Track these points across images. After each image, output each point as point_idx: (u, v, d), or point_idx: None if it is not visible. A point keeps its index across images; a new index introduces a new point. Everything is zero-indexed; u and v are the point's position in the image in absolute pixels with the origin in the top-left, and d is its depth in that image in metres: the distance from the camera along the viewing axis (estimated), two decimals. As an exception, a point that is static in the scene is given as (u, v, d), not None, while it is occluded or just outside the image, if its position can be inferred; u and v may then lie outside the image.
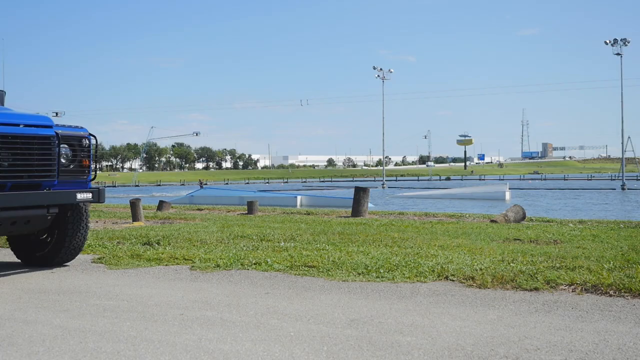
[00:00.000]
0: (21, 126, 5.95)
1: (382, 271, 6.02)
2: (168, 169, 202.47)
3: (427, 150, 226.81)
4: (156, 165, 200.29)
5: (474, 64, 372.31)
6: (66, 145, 6.38)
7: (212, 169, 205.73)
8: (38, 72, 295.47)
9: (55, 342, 3.84)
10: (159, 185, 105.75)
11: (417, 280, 5.63)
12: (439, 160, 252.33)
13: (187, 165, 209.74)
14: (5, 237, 7.48)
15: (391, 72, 76.51)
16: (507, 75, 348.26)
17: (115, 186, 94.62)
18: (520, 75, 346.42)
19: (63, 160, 6.34)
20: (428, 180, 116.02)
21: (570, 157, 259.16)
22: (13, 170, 5.82)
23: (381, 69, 75.39)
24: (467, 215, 14.44)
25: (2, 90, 7.66)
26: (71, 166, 6.45)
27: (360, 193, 14.29)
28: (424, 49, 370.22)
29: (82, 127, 6.68)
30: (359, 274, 5.94)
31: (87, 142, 6.60)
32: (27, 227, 6.18)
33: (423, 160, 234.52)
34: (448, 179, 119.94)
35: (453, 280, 5.61)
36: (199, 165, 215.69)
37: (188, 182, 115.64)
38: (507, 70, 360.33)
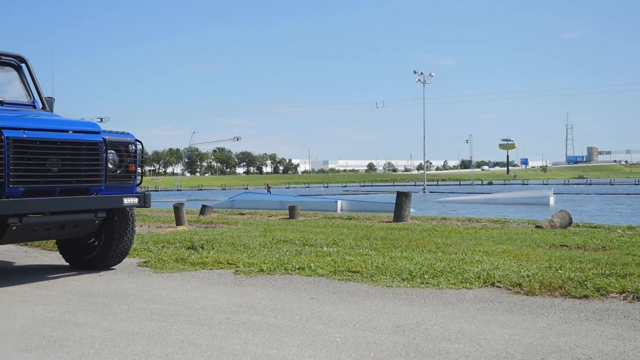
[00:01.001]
0: (70, 132, 6.07)
1: (426, 277, 5.96)
2: (209, 173, 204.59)
3: (468, 155, 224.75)
4: (198, 170, 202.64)
5: (516, 67, 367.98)
6: (113, 151, 6.48)
7: (253, 174, 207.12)
8: (82, 78, 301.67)
9: (105, 344, 3.89)
10: (201, 189, 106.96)
11: (463, 287, 5.57)
12: (481, 164, 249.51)
13: (228, 169, 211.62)
14: (54, 240, 7.63)
15: (432, 76, 76.06)
16: (551, 78, 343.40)
17: (157, 190, 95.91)
18: (564, 78, 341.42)
19: (110, 166, 6.44)
20: (470, 185, 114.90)
21: (621, 161, 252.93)
22: (62, 175, 5.93)
23: (422, 73, 75.02)
24: (512, 221, 14.23)
25: (51, 97, 7.84)
26: (118, 171, 6.55)
27: (402, 198, 14.21)
28: (464, 52, 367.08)
29: (128, 133, 6.79)
30: (403, 280, 5.90)
31: (134, 147, 6.70)
32: (76, 231, 6.29)
33: (464, 164, 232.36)
34: (490, 183, 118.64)
35: (499, 287, 5.53)
36: (240, 170, 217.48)
37: (229, 186, 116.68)
38: (551, 73, 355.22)
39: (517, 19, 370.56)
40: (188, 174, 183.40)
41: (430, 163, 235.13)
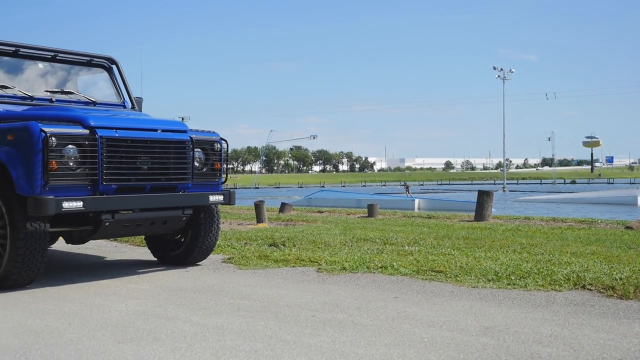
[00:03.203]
0: (159, 131, 6.24)
1: (513, 278, 5.83)
2: (286, 171, 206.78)
3: (550, 153, 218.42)
4: (275, 168, 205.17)
5: (601, 62, 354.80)
6: (200, 150, 6.63)
7: (329, 172, 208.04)
8: (160, 78, 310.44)
9: (196, 339, 3.99)
10: (278, 187, 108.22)
11: (552, 289, 5.41)
12: (563, 162, 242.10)
13: (305, 167, 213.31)
14: (142, 236, 7.87)
15: (512, 72, 74.28)
16: (637, 73, 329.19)
17: (236, 188, 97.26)
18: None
19: (197, 164, 6.59)
20: (552, 183, 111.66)
21: None
22: (151, 173, 6.11)
23: (501, 69, 73.32)
24: (599, 221, 13.73)
25: (140, 98, 8.10)
26: (204, 169, 6.70)
27: (484, 197, 13.94)
28: (545, 47, 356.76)
29: (214, 132, 6.93)
30: (489, 281, 5.78)
31: (219, 146, 6.84)
32: (164, 227, 6.47)
33: (546, 162, 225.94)
34: (573, 182, 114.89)
35: (591, 290, 5.34)
36: (316, 168, 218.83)
37: (305, 184, 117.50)
38: (637, 68, 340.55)
39: (601, 11, 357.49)
40: (265, 172, 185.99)
41: (510, 161, 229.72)
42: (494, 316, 4.51)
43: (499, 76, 73.35)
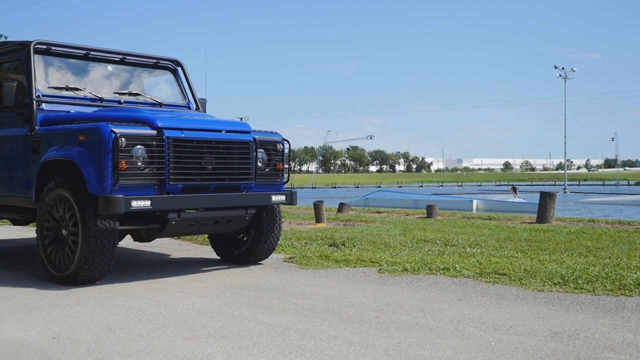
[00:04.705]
0: (223, 132, 6.34)
1: (580, 282, 5.70)
2: (343, 171, 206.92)
3: (613, 153, 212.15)
4: (331, 168, 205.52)
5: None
6: (262, 150, 6.71)
7: (386, 172, 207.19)
8: (222, 78, 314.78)
9: (262, 337, 4.04)
10: (334, 187, 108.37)
11: (621, 294, 5.26)
12: (627, 163, 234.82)
13: (361, 168, 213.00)
14: (206, 235, 8.00)
15: (574, 70, 72.51)
16: None
17: (293, 188, 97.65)
18: None
19: (259, 164, 6.67)
20: (615, 185, 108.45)
21: None
22: (216, 173, 6.21)
23: (563, 68, 71.63)
24: (667, 224, 13.26)
25: (204, 99, 8.24)
26: (267, 170, 6.78)
27: (546, 198, 13.64)
28: (609, 45, 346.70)
29: (276, 133, 7.00)
30: (555, 284, 5.67)
31: (281, 146, 6.91)
32: (228, 226, 6.57)
33: (609, 163, 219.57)
34: (638, 184, 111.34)
35: (663, 296, 5.17)
36: (373, 168, 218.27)
37: (362, 184, 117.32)
38: None
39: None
40: (322, 172, 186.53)
41: (571, 162, 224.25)
42: (562, 321, 4.43)
43: (560, 75, 71.69)
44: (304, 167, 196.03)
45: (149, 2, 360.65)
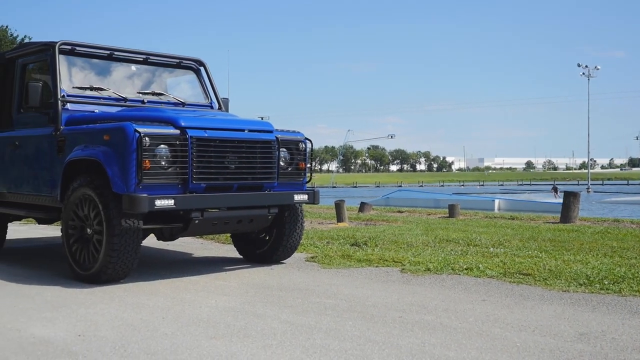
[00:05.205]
0: (246, 131, 6.36)
1: (606, 283, 5.63)
2: (363, 171, 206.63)
3: (638, 152, 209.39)
4: (352, 167, 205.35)
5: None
6: (285, 149, 6.71)
7: (406, 171, 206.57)
8: (243, 77, 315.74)
9: (285, 336, 4.04)
10: (355, 186, 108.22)
11: (648, 295, 5.19)
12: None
13: (382, 167, 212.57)
14: (228, 234, 8.03)
15: (597, 69, 71.73)
16: None
17: (313, 187, 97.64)
18: None
19: (282, 163, 6.68)
20: None
21: None
22: (239, 172, 6.23)
23: (586, 66, 70.89)
24: (694, 225, 13.07)
25: (226, 98, 8.26)
26: (289, 169, 6.78)
27: (570, 198, 13.51)
28: (633, 43, 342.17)
29: (298, 132, 7.00)
30: (581, 285, 5.61)
31: (304, 146, 6.91)
32: (250, 225, 6.58)
33: (633, 163, 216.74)
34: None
35: (691, 297, 5.09)
36: (393, 168, 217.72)
37: (383, 183, 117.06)
38: None
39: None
40: (342, 171, 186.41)
41: (595, 161, 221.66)
42: (589, 322, 4.37)
43: (583, 73, 70.95)
44: (325, 167, 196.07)
45: (174, 1, 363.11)
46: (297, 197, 6.72)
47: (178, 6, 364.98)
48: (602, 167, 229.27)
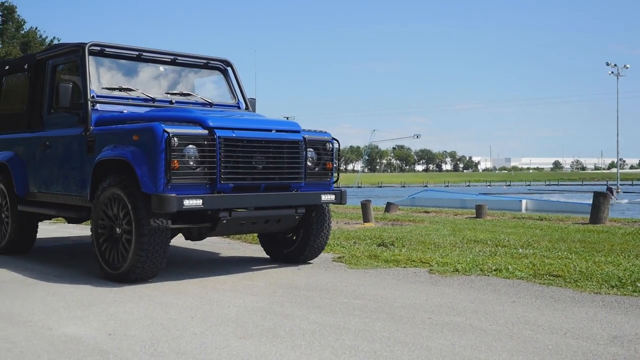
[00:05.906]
0: (273, 131, 6.36)
1: (638, 285, 5.54)
2: (389, 170, 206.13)
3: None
4: (377, 167, 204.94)
5: None
6: (312, 149, 6.71)
7: (432, 171, 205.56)
8: (268, 77, 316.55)
9: (314, 337, 4.03)
10: (380, 186, 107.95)
11: (683, 297, 5.09)
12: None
13: (407, 167, 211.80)
14: (255, 234, 8.05)
15: (627, 67, 70.68)
16: None
17: (340, 187, 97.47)
18: None
19: (309, 164, 6.67)
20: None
21: None
22: (266, 172, 6.24)
23: (615, 65, 69.85)
24: None
25: (253, 98, 8.28)
26: (316, 169, 6.77)
27: (600, 198, 13.32)
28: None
29: (326, 132, 6.99)
30: (612, 287, 5.52)
31: (331, 146, 6.89)
32: (278, 225, 6.59)
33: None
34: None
35: None
36: (419, 168, 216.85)
37: (408, 183, 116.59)
38: None
39: None
40: (367, 171, 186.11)
41: (624, 161, 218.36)
42: (622, 325, 4.30)
43: (612, 72, 69.98)
44: (350, 167, 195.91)
45: (200, 1, 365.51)
46: (325, 197, 6.71)
47: (206, 7, 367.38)
48: (632, 167, 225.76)
